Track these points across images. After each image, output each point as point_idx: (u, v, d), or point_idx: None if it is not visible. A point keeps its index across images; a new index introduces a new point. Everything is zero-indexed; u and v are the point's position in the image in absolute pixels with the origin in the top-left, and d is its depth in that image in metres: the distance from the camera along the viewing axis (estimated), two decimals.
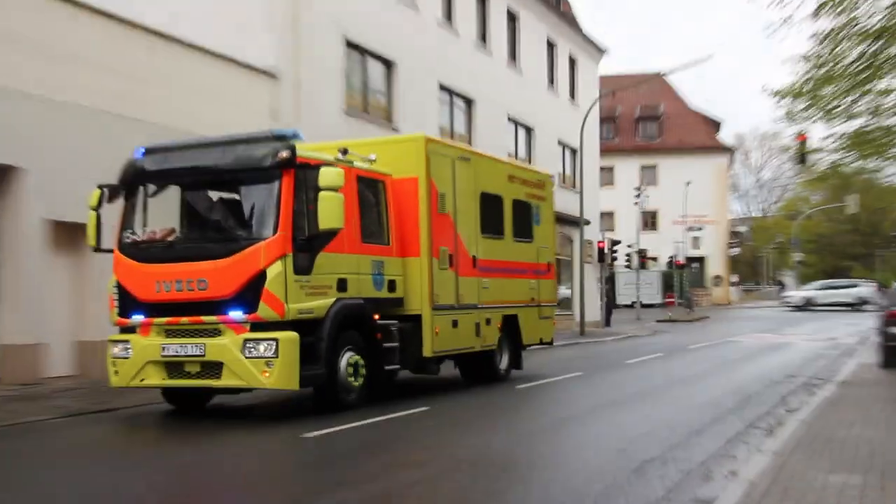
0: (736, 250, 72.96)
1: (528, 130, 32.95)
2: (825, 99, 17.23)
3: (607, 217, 55.37)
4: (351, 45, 22.20)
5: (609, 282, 39.12)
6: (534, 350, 17.28)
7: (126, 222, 11.09)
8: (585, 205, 31.90)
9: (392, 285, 12.05)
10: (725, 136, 74.79)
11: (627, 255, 44.77)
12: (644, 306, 48.98)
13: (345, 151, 11.51)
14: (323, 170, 10.22)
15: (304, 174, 10.39)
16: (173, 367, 10.47)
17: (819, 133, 25.30)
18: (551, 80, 35.43)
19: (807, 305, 51.89)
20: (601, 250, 35.21)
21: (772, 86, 19.35)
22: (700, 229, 60.32)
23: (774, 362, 19.07)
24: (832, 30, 15.65)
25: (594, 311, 35.45)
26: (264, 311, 9.99)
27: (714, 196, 66.78)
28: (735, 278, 74.82)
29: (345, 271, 11.05)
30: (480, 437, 9.71)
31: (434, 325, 12.53)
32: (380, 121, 23.31)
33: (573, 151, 34.82)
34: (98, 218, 11.11)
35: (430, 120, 25.10)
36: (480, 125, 28.59)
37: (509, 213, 15.17)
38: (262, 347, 9.93)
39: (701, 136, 68.77)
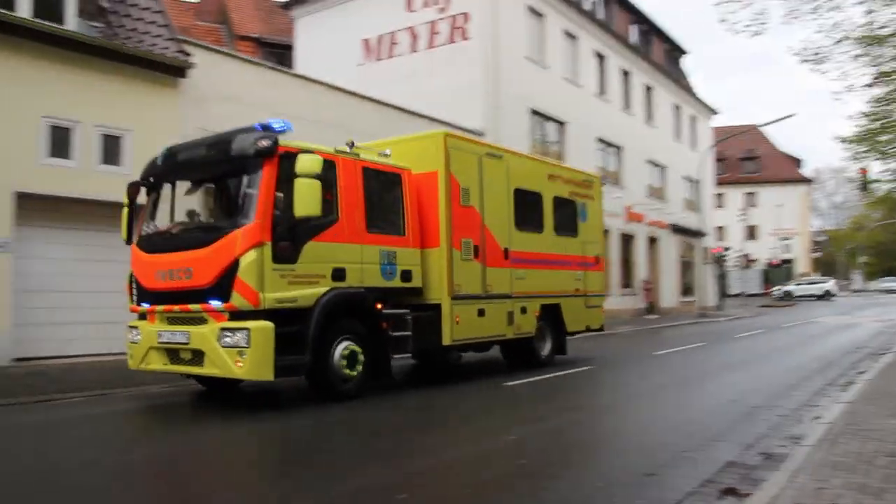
0: (817, 254, 76.77)
1: (662, 168, 35.19)
2: (881, 144, 17.85)
3: (720, 230, 59.18)
4: (534, 112, 25.10)
5: (721, 277, 41.76)
6: (667, 325, 20.20)
7: (144, 217, 8.78)
8: (704, 221, 36.88)
9: (407, 275, 9.37)
10: (807, 170, 78.80)
11: (735, 258, 53.15)
12: (748, 296, 54.73)
13: (351, 144, 8.92)
14: (300, 156, 7.59)
15: (288, 164, 7.80)
16: (171, 353, 8.32)
17: (877, 168, 26.14)
18: (677, 133, 37.56)
19: (786, 297, 51.59)
20: (716, 254, 39.37)
21: (840, 134, 23.73)
22: (789, 239, 66.30)
23: (847, 337, 18.74)
24: (884, 95, 16.33)
25: (711, 298, 37.78)
26: (237, 299, 7.58)
27: (799, 214, 69.69)
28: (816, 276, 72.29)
29: (343, 260, 8.51)
30: (629, 389, 10.25)
31: (454, 314, 9.69)
32: None
33: (694, 182, 36.37)
34: (130, 214, 8.86)
35: (591, 163, 26.92)
36: (627, 166, 31.30)
37: (550, 208, 12.18)
38: (236, 337, 7.56)
39: (788, 170, 71.19)
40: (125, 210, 9.04)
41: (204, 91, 14.41)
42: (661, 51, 36.63)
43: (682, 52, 39.60)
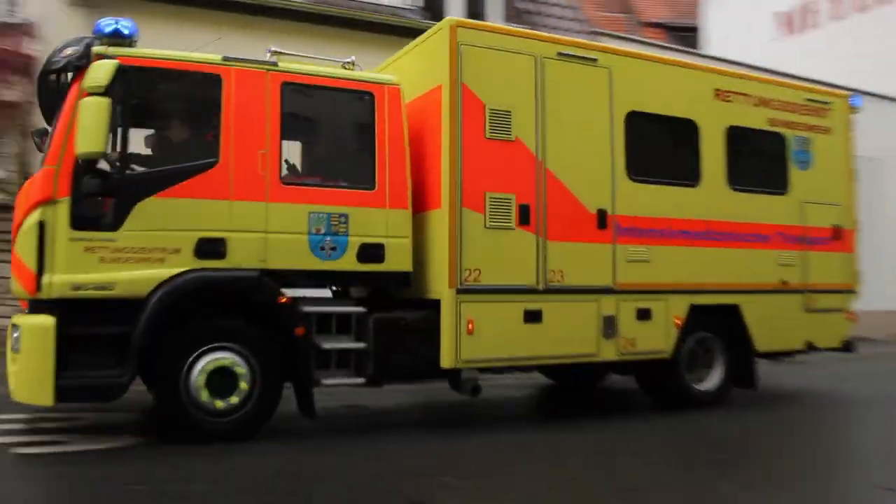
0: None
1: None
2: None
3: None
4: None
5: None
6: None
7: None
8: None
9: (372, 252, 5.84)
10: None
11: None
12: None
13: (273, 53, 5.76)
14: (92, 65, 4.77)
15: (119, 81, 4.99)
16: None
17: None
18: None
19: None
20: None
21: None
22: None
23: None
24: None
25: None
26: (14, 284, 4.92)
27: None
28: None
29: (224, 227, 5.27)
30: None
31: (464, 317, 5.77)
32: None
33: None
34: None
35: None
36: None
37: (716, 146, 7.23)
38: (14, 338, 4.90)
39: None
40: None
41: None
42: None
43: None
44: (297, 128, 5.88)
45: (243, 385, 5.31)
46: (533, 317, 6.19)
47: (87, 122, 4.74)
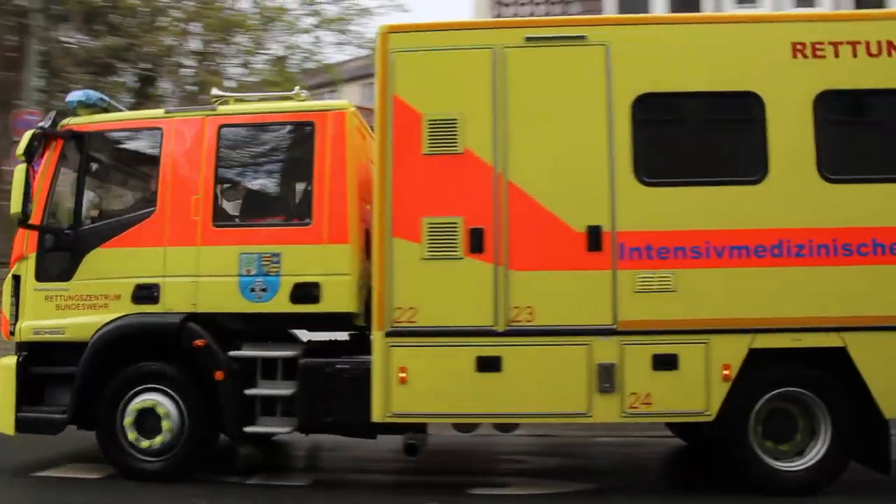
0: None
1: None
2: None
3: None
4: None
5: None
6: None
7: None
8: None
9: (306, 292, 5.45)
10: None
11: None
12: None
13: (215, 97, 5.94)
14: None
15: (71, 146, 5.72)
16: None
17: None
18: None
19: None
20: None
21: None
22: None
23: None
24: None
25: None
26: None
27: None
28: None
29: (158, 272, 5.53)
30: None
31: (395, 364, 5.13)
32: None
33: None
34: None
35: None
36: None
37: (800, 124, 5.11)
38: None
39: None
40: None
41: None
42: None
43: None
44: (235, 168, 5.82)
45: (166, 425, 5.40)
46: (488, 365, 5.05)
47: (14, 186, 5.40)
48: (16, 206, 5.37)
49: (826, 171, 5.04)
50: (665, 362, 5.00)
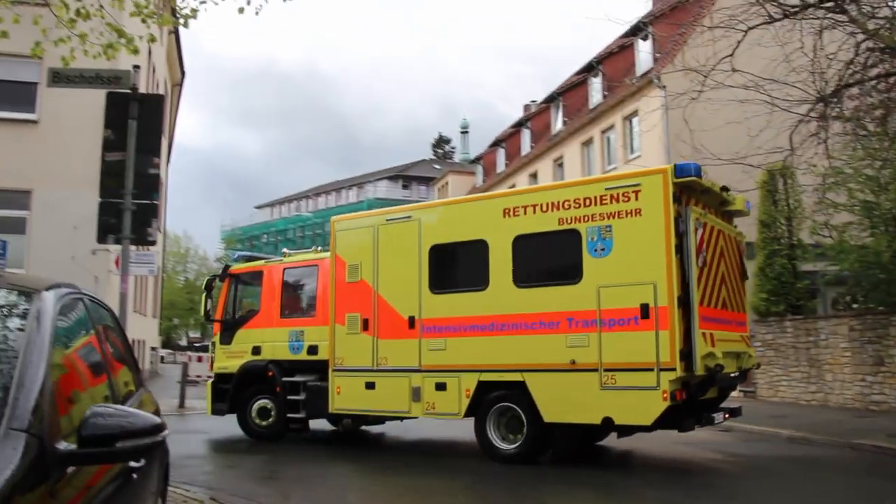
0: None
1: None
2: None
3: None
4: None
5: None
6: None
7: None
8: None
9: (313, 349, 11.51)
10: None
11: None
12: None
13: (283, 254, 12.38)
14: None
15: (234, 280, 12.61)
16: None
17: None
18: None
19: None
20: None
21: None
22: None
23: None
24: None
25: None
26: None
27: None
28: None
29: (259, 341, 12.08)
30: None
31: (335, 385, 10.81)
32: None
33: None
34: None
35: None
36: None
37: (503, 255, 9.52)
38: None
39: None
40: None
41: None
42: None
43: None
44: (287, 288, 11.89)
45: (272, 414, 11.65)
46: (370, 385, 10.27)
47: (201, 302, 12.24)
48: (202, 311, 12.30)
49: (518, 281, 9.21)
50: (441, 387, 9.65)
